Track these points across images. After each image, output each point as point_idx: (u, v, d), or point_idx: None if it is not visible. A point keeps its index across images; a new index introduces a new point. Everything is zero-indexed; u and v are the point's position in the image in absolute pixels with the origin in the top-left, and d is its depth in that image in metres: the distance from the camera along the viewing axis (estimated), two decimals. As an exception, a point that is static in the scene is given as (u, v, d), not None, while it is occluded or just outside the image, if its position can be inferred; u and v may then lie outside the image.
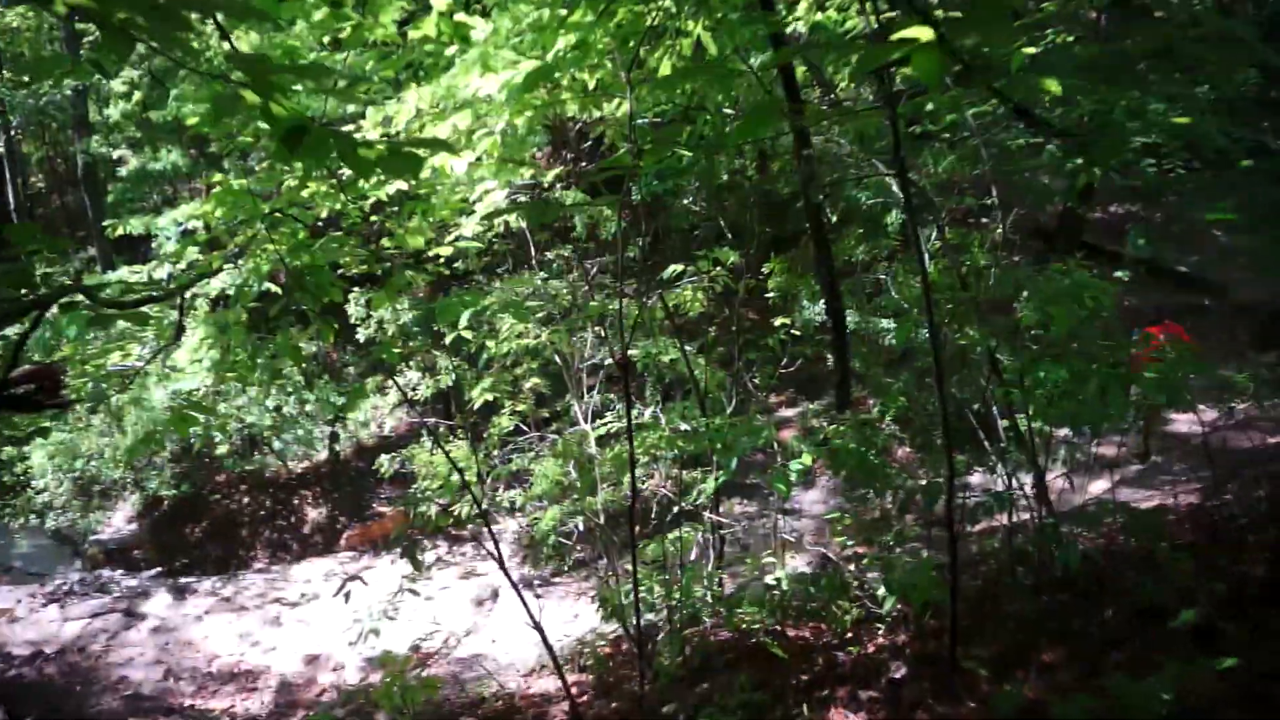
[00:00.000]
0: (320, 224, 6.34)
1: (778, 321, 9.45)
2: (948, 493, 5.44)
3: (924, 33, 2.32)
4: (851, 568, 7.22)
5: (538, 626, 6.09)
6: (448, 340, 9.49)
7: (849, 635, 6.53)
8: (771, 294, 9.34)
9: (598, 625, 8.92)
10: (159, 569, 13.66)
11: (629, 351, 9.17)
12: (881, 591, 6.07)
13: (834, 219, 10.55)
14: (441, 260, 6.60)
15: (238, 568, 13.58)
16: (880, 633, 6.41)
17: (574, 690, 7.64)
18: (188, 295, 5.52)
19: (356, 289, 12.33)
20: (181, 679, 10.12)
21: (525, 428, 9.07)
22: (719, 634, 7.41)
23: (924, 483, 6.57)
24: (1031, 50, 7.11)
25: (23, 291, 3.48)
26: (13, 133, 20.35)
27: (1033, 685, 5.00)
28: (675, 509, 7.88)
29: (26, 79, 19.35)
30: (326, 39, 6.66)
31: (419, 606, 10.10)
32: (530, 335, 8.75)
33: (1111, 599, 5.80)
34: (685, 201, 9.36)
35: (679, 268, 9.18)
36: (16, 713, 9.36)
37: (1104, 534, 7.18)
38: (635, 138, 6.52)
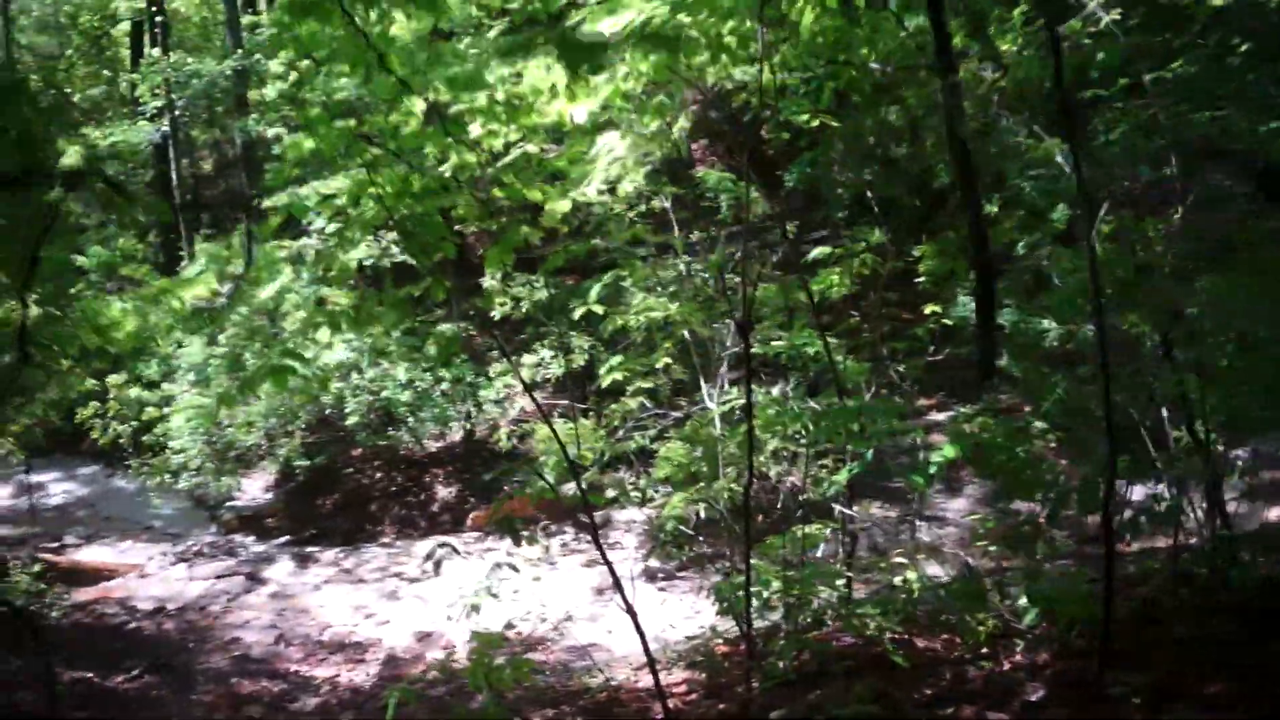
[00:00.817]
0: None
1: (928, 309, 8.80)
2: (1106, 491, 4.78)
3: None
4: (989, 581, 6.56)
5: (630, 611, 5.60)
6: (577, 313, 9.14)
7: (983, 650, 5.88)
8: (921, 279, 8.68)
9: (716, 622, 8.45)
10: (287, 537, 13.69)
11: (769, 341, 8.66)
12: (1024, 602, 5.41)
13: (994, 209, 9.83)
14: (559, 216, 6.15)
15: (364, 541, 13.48)
16: (1018, 649, 5.74)
17: (684, 688, 7.17)
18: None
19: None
20: (292, 645, 9.98)
21: (648, 405, 8.61)
22: (841, 639, 6.84)
23: (1079, 482, 5.84)
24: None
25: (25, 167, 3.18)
26: (178, 113, 20.78)
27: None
28: (802, 498, 7.31)
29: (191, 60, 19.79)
30: None
31: (536, 591, 9.81)
32: (660, 309, 8.30)
33: (1293, 630, 5.03)
34: (834, 172, 8.80)
35: (825, 250, 8.62)
36: (131, 662, 9.36)
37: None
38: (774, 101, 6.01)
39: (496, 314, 12.38)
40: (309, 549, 13.17)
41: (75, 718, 7.90)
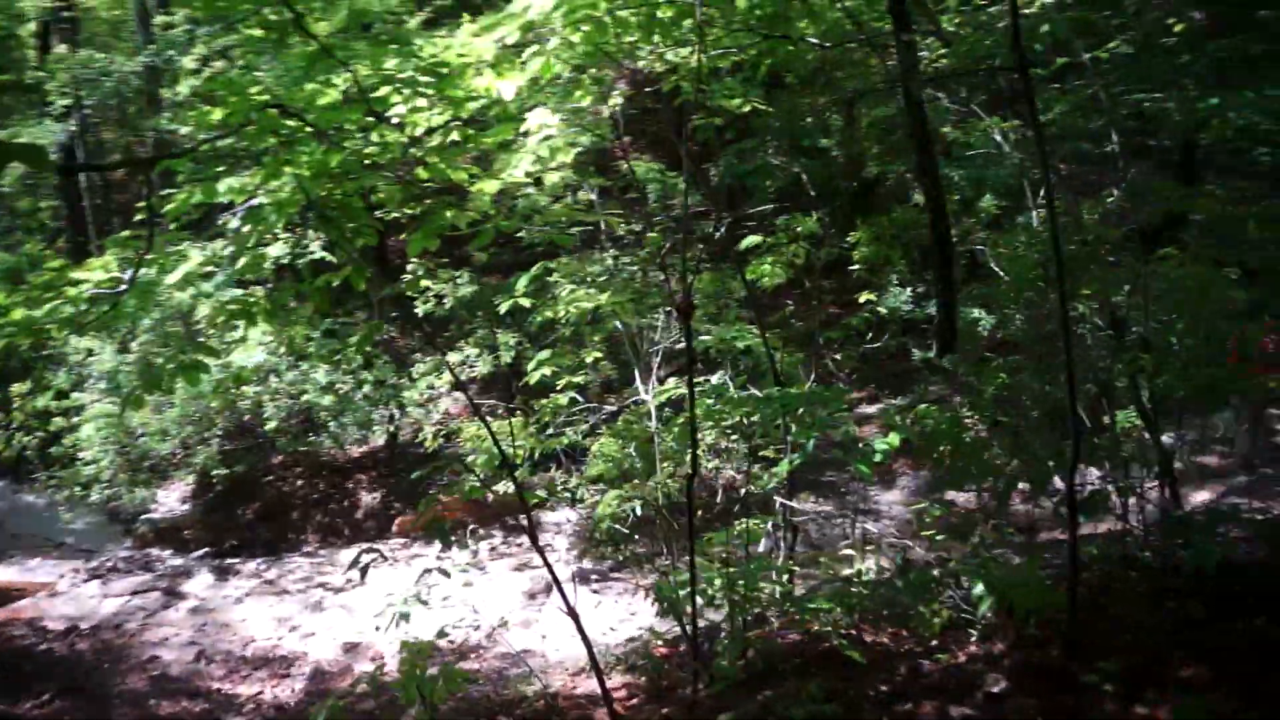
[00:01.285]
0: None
1: (862, 297, 8.64)
2: (1070, 473, 4.62)
3: None
4: (937, 572, 6.38)
5: (572, 613, 5.34)
6: (504, 307, 8.82)
7: (935, 643, 5.70)
8: (856, 266, 8.49)
9: (654, 623, 8.20)
10: (206, 549, 13.18)
11: (699, 334, 8.44)
12: (979, 590, 5.22)
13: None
14: (487, 196, 5.84)
15: (286, 551, 13.01)
16: (972, 640, 5.57)
17: (624, 693, 6.91)
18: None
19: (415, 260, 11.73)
20: (214, 662, 9.54)
21: (580, 400, 8.31)
22: (787, 636, 6.64)
23: (1033, 466, 5.69)
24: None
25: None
26: (87, 113, 20.01)
27: (1178, 703, 4.13)
28: (743, 492, 7.07)
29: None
30: None
31: (467, 597, 9.48)
32: (591, 300, 8.03)
33: (1256, 609, 4.91)
34: (766, 156, 8.55)
35: (756, 239, 8.42)
36: (41, 687, 8.85)
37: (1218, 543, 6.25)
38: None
39: (420, 311, 12.02)
40: (229, 561, 12.69)
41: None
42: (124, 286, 4.45)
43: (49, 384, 14.14)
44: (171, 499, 14.98)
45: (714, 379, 7.12)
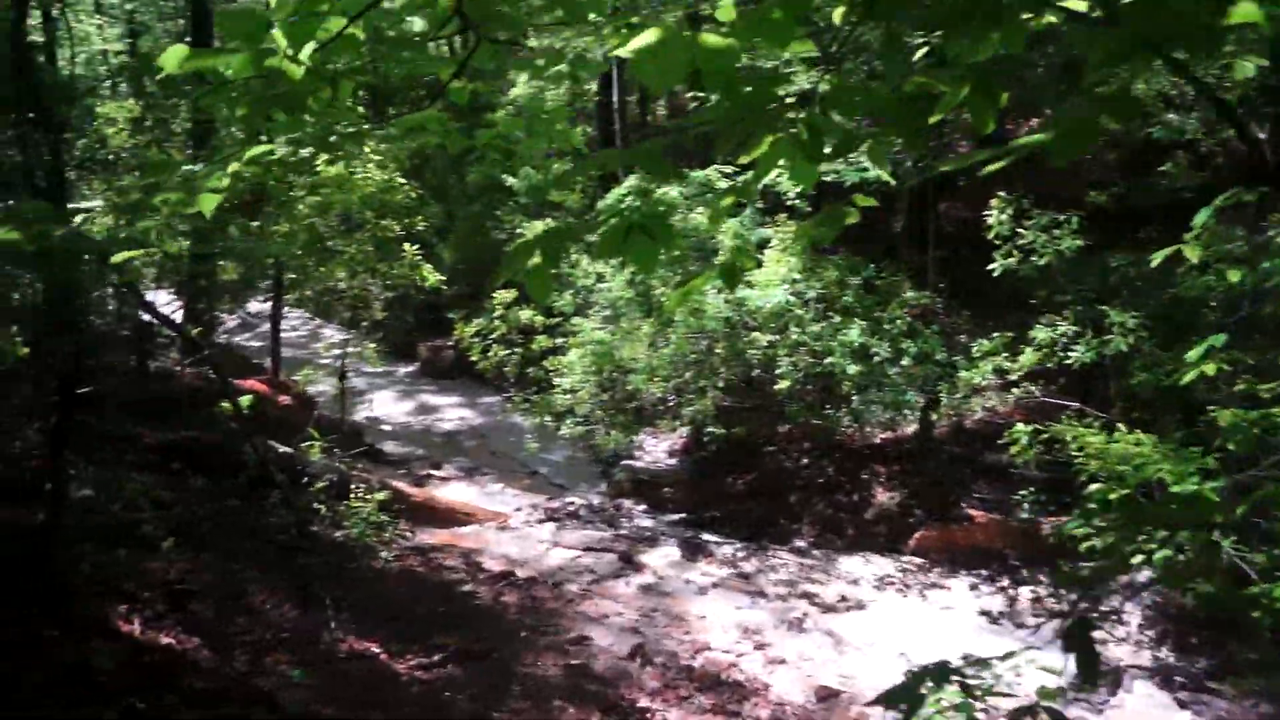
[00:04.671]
0: None
1: None
2: None
3: None
4: None
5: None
6: (1155, 259, 5.56)
7: None
8: None
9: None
10: (681, 514, 11.04)
11: None
12: None
13: None
14: None
15: (773, 540, 10.49)
16: None
17: None
18: None
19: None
20: (651, 664, 7.22)
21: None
22: None
23: None
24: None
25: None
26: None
27: None
28: None
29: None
30: None
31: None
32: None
33: None
34: None
35: None
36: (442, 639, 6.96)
37: None
38: None
39: (996, 268, 9.03)
40: (703, 536, 10.43)
41: (318, 716, 5.47)
42: None
43: (552, 307, 12.55)
44: (659, 449, 13.05)
45: None
